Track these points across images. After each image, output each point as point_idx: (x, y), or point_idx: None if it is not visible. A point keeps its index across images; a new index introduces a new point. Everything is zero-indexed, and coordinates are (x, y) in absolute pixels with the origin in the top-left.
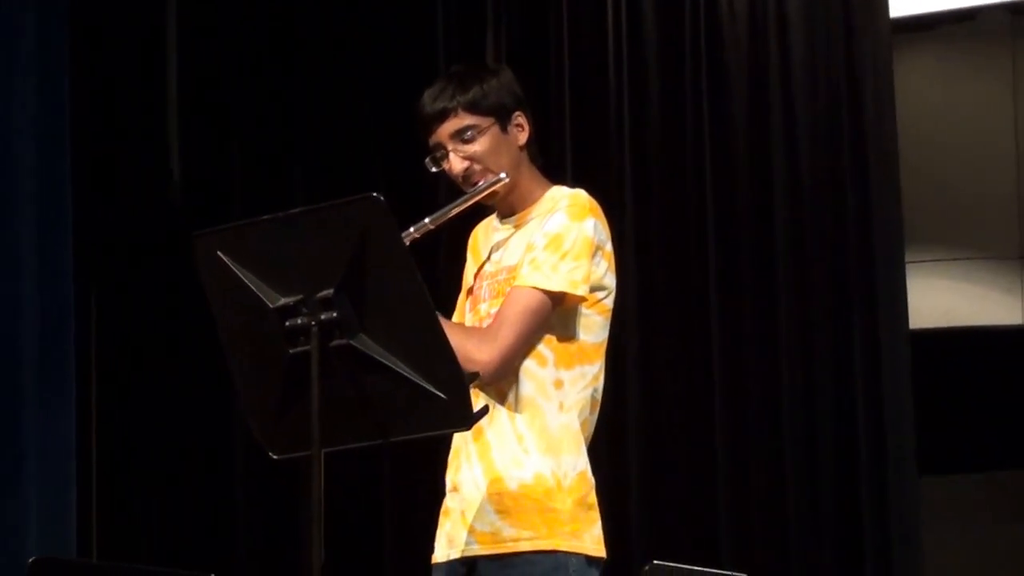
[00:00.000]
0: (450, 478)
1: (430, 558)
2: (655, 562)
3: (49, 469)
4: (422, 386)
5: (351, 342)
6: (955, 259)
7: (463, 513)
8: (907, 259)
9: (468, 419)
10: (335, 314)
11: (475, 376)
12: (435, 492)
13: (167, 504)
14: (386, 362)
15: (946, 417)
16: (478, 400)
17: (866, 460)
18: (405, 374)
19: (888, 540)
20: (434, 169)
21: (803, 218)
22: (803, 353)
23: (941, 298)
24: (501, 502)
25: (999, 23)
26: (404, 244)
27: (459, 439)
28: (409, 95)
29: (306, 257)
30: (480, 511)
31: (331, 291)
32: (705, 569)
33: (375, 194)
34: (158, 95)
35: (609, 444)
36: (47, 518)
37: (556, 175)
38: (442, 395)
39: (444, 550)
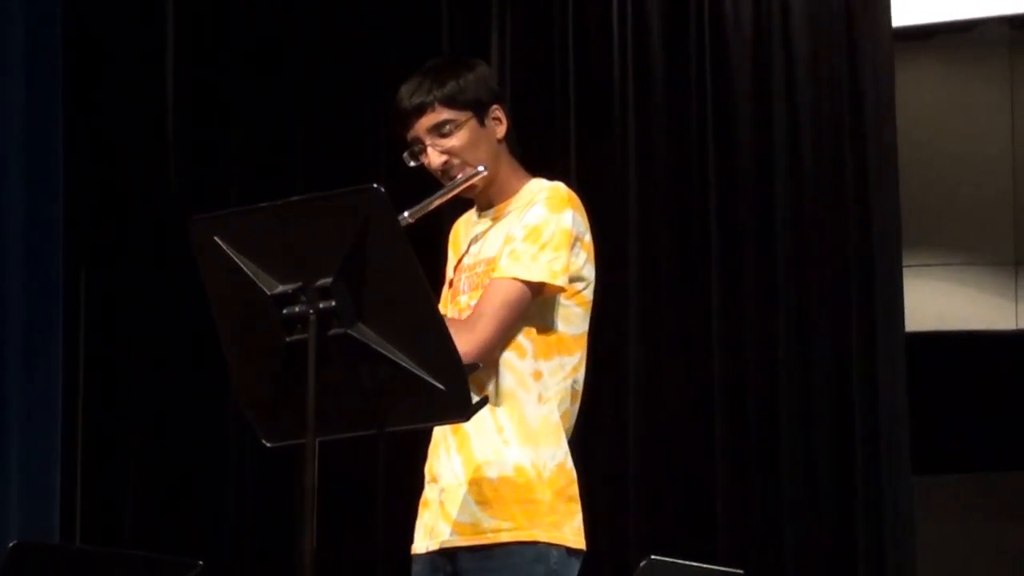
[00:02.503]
0: (429, 469)
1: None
2: (653, 557)
3: (33, 450)
4: (421, 377)
5: (349, 331)
6: (950, 264)
7: (442, 504)
8: (903, 263)
9: (467, 410)
10: (333, 303)
11: (475, 367)
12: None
13: (155, 488)
14: (384, 352)
15: (939, 418)
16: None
17: (861, 458)
18: (404, 364)
19: (881, 537)
20: (412, 164)
21: (804, 221)
22: (802, 353)
23: (936, 302)
24: (481, 493)
25: (997, 34)
26: (404, 236)
27: (439, 430)
28: None
29: (305, 245)
30: (460, 502)
31: (330, 280)
32: (702, 565)
33: (376, 185)
34: (155, 74)
35: (609, 443)
36: (30, 501)
37: (560, 174)
38: (441, 386)
39: (423, 541)
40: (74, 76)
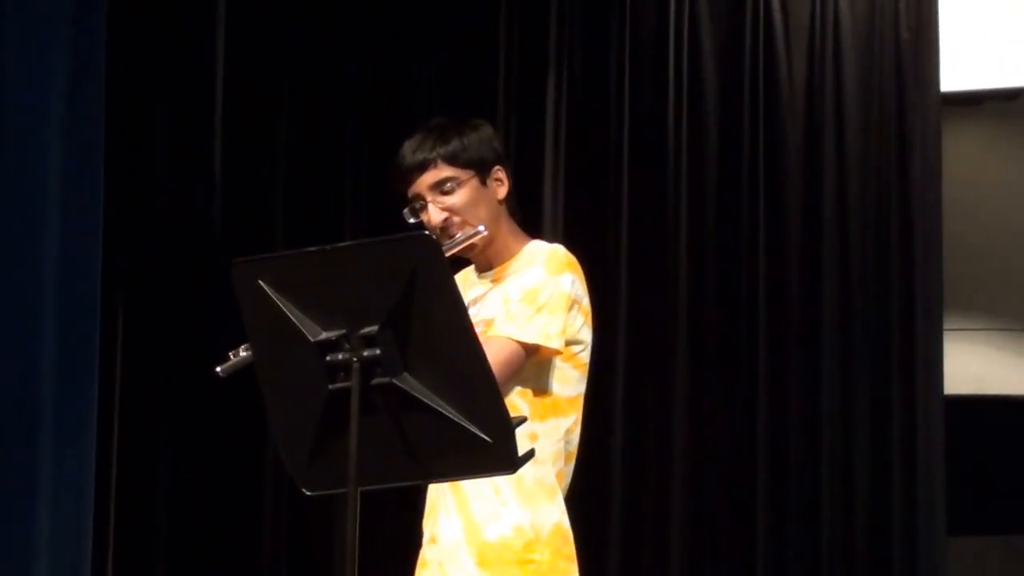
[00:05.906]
0: (428, 529)
1: None
2: None
3: (65, 493)
4: (467, 428)
5: (393, 381)
6: (990, 329)
7: (441, 564)
8: (944, 327)
9: (514, 464)
10: (378, 351)
11: (522, 420)
12: None
13: (189, 535)
14: (429, 403)
15: (976, 480)
16: None
17: (898, 518)
18: (450, 416)
19: None
20: (412, 220)
21: (849, 283)
22: (843, 412)
23: (975, 366)
24: (480, 554)
25: None
26: (455, 285)
27: (435, 490)
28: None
29: (351, 292)
30: (459, 563)
31: (375, 328)
32: None
33: (427, 232)
34: (202, 104)
35: (656, 496)
36: (60, 545)
37: (611, 220)
38: (488, 439)
39: None
40: (118, 111)
